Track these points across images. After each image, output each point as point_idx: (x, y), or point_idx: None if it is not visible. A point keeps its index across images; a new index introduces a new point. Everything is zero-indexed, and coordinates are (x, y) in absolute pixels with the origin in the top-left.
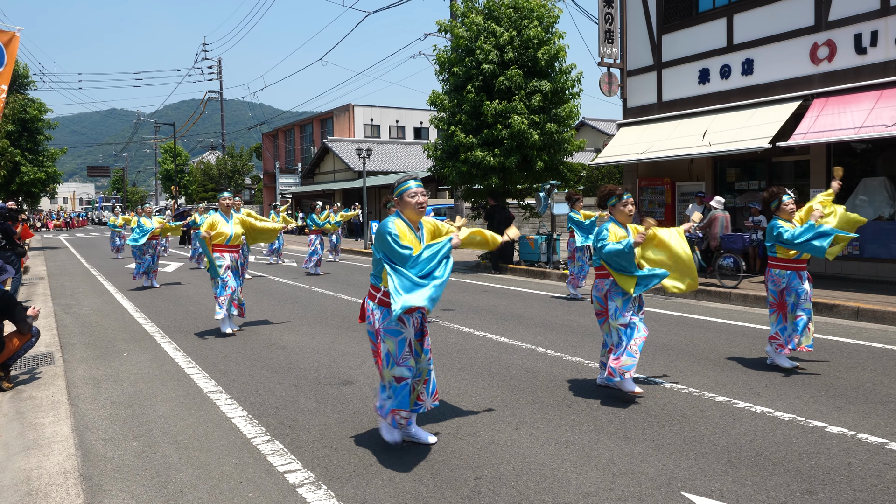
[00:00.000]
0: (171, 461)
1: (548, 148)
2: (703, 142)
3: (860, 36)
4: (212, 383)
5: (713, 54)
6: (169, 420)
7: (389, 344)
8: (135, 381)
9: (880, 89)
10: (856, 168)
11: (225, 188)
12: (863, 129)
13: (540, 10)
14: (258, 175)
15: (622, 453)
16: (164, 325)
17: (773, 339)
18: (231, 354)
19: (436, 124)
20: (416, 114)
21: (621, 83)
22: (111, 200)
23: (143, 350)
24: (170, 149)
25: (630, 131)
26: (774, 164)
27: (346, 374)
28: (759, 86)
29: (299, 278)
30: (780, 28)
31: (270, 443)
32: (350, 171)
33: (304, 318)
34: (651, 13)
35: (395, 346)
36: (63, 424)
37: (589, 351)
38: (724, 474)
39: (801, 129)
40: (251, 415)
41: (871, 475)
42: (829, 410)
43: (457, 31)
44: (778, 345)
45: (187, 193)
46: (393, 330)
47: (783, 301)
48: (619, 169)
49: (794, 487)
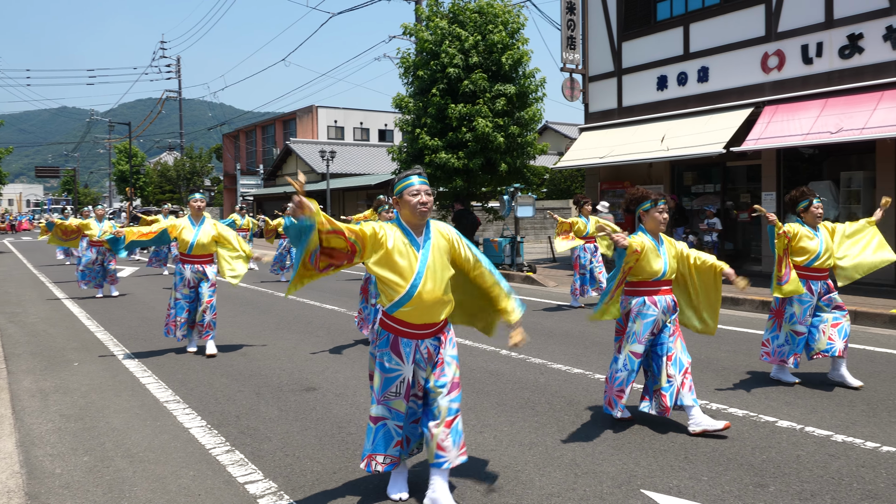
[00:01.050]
0: (124, 475)
1: (512, 151)
2: (661, 146)
3: (807, 47)
4: (168, 392)
5: (671, 62)
6: (122, 432)
7: (377, 378)
8: (86, 392)
9: (825, 98)
10: (803, 172)
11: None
12: (810, 136)
13: (504, 15)
14: (218, 177)
15: (584, 453)
16: (118, 333)
17: (763, 346)
18: (189, 362)
19: (401, 127)
20: (381, 116)
21: (583, 88)
22: (61, 202)
23: (95, 359)
24: (125, 149)
25: (592, 136)
26: (729, 168)
27: (308, 381)
28: (715, 93)
29: (261, 283)
30: (733, 38)
31: (230, 453)
32: (313, 173)
33: (265, 324)
34: (612, 21)
35: (380, 382)
36: (7, 440)
37: (552, 353)
38: (682, 471)
39: (754, 135)
40: (210, 424)
41: (818, 466)
42: (779, 406)
43: (422, 34)
44: (765, 352)
45: (143, 195)
46: (382, 364)
47: (781, 309)
48: (581, 172)
49: (746, 481)
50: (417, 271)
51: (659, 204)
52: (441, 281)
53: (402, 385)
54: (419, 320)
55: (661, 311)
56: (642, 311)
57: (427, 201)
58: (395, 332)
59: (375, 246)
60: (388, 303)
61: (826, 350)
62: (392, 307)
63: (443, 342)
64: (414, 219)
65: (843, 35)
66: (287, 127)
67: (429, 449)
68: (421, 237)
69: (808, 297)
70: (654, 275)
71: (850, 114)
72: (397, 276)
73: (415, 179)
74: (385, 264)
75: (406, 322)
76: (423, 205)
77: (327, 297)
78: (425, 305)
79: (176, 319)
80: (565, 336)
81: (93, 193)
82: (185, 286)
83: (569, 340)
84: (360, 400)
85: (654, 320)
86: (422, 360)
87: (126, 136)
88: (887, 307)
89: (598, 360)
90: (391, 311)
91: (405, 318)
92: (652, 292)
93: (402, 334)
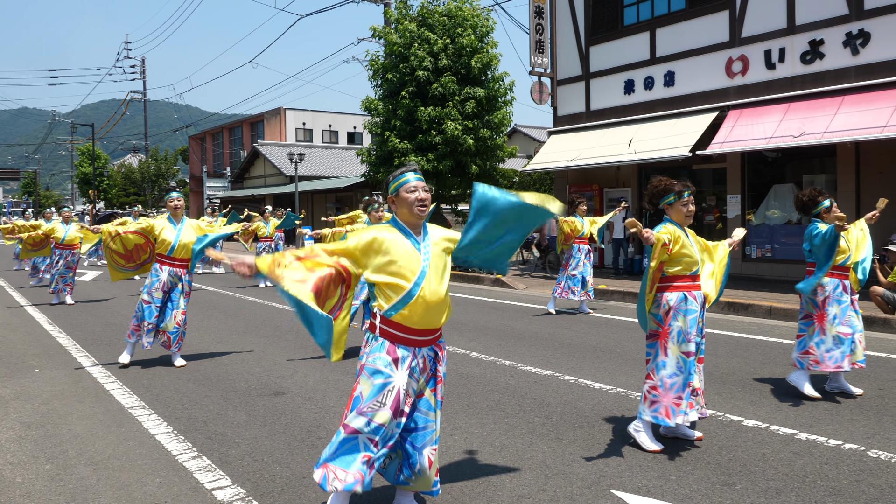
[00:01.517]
0: (88, 483)
1: (481, 154)
2: (629, 150)
3: (770, 52)
4: (134, 398)
5: (638, 66)
6: (86, 439)
7: (364, 385)
8: (48, 398)
9: (788, 102)
10: (767, 175)
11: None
12: (773, 140)
13: (473, 19)
14: (184, 179)
15: (554, 455)
16: (81, 339)
17: (807, 354)
18: (155, 367)
19: (370, 129)
20: (350, 118)
21: (551, 92)
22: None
23: (57, 365)
24: (88, 151)
25: (560, 139)
26: (695, 171)
27: (277, 385)
28: (681, 97)
29: (228, 286)
30: (698, 43)
31: (197, 459)
32: (281, 176)
33: (233, 328)
34: (580, 25)
35: (367, 389)
36: None
37: (522, 355)
38: (650, 470)
39: (719, 139)
40: (177, 430)
41: (783, 464)
42: (745, 405)
43: (391, 37)
44: (813, 360)
45: (107, 198)
46: (372, 369)
47: (823, 312)
48: (551, 175)
49: (714, 480)
50: (420, 271)
51: (684, 196)
52: (442, 281)
53: (391, 395)
54: (420, 325)
55: (699, 308)
56: (683, 307)
57: (425, 198)
58: (392, 338)
59: (369, 253)
60: (387, 305)
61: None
62: (391, 309)
63: (440, 356)
64: (412, 218)
65: (804, 41)
66: (255, 129)
67: (422, 478)
68: (420, 236)
69: (845, 296)
70: (693, 266)
71: (812, 118)
72: (398, 277)
73: (410, 176)
74: (385, 269)
75: (405, 327)
76: (422, 202)
77: None
78: (427, 307)
79: (141, 324)
80: (535, 338)
81: (54, 196)
82: (159, 289)
83: (538, 342)
84: (329, 404)
85: (696, 316)
86: (416, 370)
87: (89, 138)
88: None
89: (568, 361)
90: (390, 314)
91: (405, 323)
92: (691, 287)
93: (399, 341)
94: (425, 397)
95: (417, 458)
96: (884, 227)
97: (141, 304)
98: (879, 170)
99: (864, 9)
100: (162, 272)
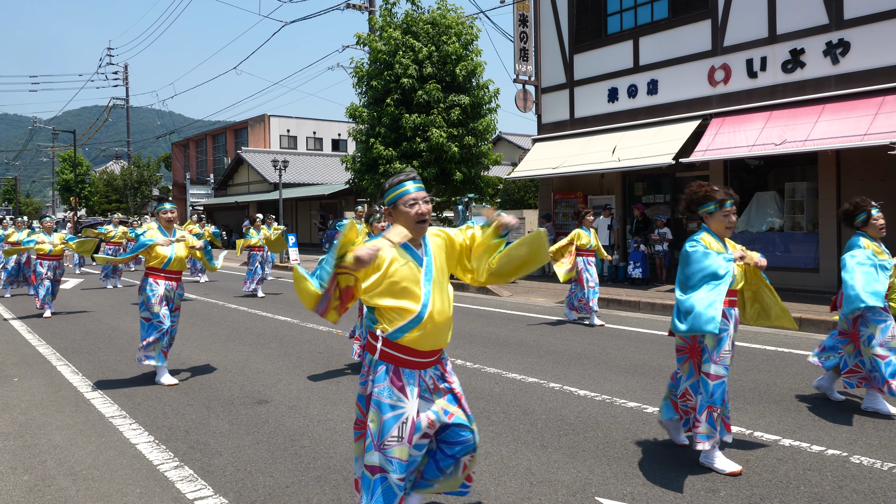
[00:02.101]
0: (67, 494)
1: (466, 161)
2: (612, 157)
3: (752, 61)
4: (114, 408)
5: (621, 74)
6: (65, 449)
7: (375, 420)
8: (26, 408)
9: (770, 110)
10: (749, 183)
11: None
12: (755, 147)
13: (458, 27)
14: (167, 186)
15: (539, 462)
16: (61, 347)
17: (852, 374)
18: (136, 376)
19: (355, 136)
20: (335, 125)
21: (536, 100)
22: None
23: (36, 374)
24: (69, 158)
25: (545, 146)
26: (678, 178)
27: (260, 393)
28: (664, 105)
29: (212, 294)
30: (681, 51)
31: (179, 469)
32: (265, 183)
33: (216, 336)
34: (563, 33)
35: (378, 425)
36: None
37: (507, 362)
38: (635, 477)
39: (701, 147)
40: (158, 440)
41: (767, 470)
42: (729, 411)
43: (375, 44)
44: (861, 378)
45: (88, 205)
46: (380, 402)
47: (856, 331)
48: (535, 183)
49: (698, 486)
50: (425, 290)
51: (726, 205)
52: (447, 297)
53: (406, 427)
54: (427, 346)
55: (732, 326)
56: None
57: (426, 211)
58: (397, 361)
59: (369, 271)
60: (392, 327)
61: None
62: (396, 332)
63: (447, 372)
64: (413, 233)
65: (785, 50)
66: (238, 136)
67: (451, 478)
68: (420, 249)
69: (889, 317)
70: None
71: (793, 126)
72: (405, 299)
73: (410, 186)
74: (388, 291)
75: (411, 349)
76: (422, 216)
77: (279, 308)
78: (435, 327)
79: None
80: (520, 345)
81: (35, 203)
82: (160, 304)
83: (523, 349)
84: (313, 412)
85: (728, 335)
86: (427, 392)
87: (70, 145)
88: (832, 314)
89: (553, 369)
90: (395, 336)
91: (411, 345)
92: (726, 303)
93: (404, 364)
94: (456, 416)
95: (451, 462)
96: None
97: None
98: (860, 177)
99: (843, 18)
100: (159, 287)
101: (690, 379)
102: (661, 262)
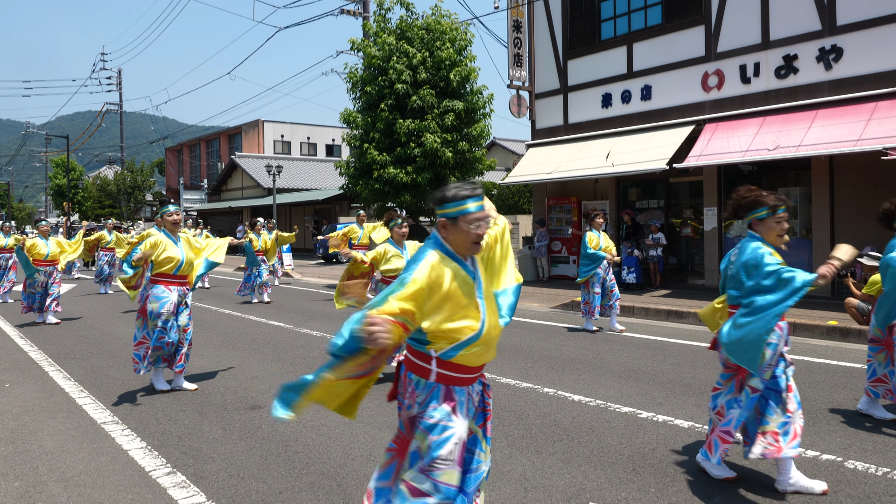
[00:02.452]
0: (58, 501)
1: (460, 166)
2: (606, 163)
3: (745, 67)
4: (107, 413)
5: (615, 80)
6: (57, 455)
7: (422, 441)
8: (18, 414)
9: (763, 116)
10: None
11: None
12: (748, 153)
13: (452, 32)
14: (161, 191)
15: (533, 467)
16: (53, 352)
17: (878, 383)
18: (128, 382)
19: (349, 142)
20: (329, 131)
21: (530, 105)
22: None
23: (28, 380)
24: (62, 163)
25: (538, 152)
26: (672, 184)
27: (253, 399)
28: (657, 110)
29: (204, 299)
30: (675, 57)
31: (172, 475)
32: (259, 188)
33: (209, 341)
34: (557, 39)
35: (428, 446)
36: None
37: (501, 367)
38: (630, 483)
39: (695, 152)
40: (150, 445)
41: (761, 476)
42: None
43: (369, 50)
44: (887, 390)
45: (81, 210)
46: (429, 424)
47: (891, 339)
48: (529, 188)
49: (693, 492)
50: (482, 305)
51: (779, 212)
52: (496, 307)
53: (457, 449)
54: (479, 361)
55: (782, 340)
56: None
57: (483, 233)
58: (448, 380)
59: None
60: (448, 346)
61: None
62: (452, 350)
63: (486, 385)
64: (464, 251)
65: (779, 56)
66: (232, 141)
67: None
68: (468, 261)
69: None
70: None
71: (787, 132)
72: (467, 319)
73: (472, 206)
74: (450, 316)
75: (464, 366)
76: (480, 238)
77: (273, 313)
78: (489, 342)
79: (154, 349)
80: (514, 350)
81: (28, 208)
82: (170, 312)
83: (517, 354)
84: (307, 417)
85: (775, 349)
86: (473, 411)
87: (64, 150)
88: (824, 319)
89: (547, 374)
90: (450, 355)
91: (465, 362)
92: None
93: (455, 382)
94: (475, 435)
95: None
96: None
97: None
98: (853, 183)
99: (836, 24)
100: (172, 293)
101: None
102: (654, 268)
